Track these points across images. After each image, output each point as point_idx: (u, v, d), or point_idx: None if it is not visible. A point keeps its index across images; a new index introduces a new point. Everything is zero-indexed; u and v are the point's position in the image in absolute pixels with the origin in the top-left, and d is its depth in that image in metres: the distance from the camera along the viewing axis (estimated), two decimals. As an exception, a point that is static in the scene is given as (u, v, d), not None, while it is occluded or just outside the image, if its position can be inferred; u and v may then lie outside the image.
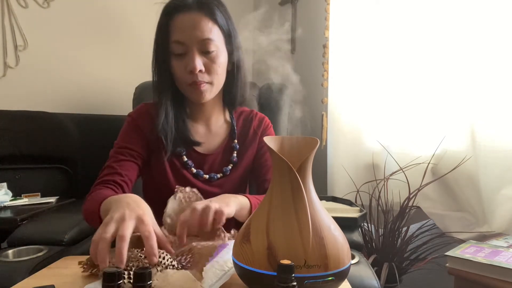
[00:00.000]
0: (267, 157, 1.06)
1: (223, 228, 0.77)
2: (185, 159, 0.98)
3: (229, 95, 1.03)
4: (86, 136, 1.74)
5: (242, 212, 0.83)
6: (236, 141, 1.04)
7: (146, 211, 0.66)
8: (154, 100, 0.99)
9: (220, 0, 0.95)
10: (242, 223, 0.63)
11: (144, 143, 0.96)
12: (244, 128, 1.07)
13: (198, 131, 1.02)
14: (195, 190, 0.81)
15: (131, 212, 0.63)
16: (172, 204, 0.78)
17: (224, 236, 0.74)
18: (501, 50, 1.29)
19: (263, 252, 0.54)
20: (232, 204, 0.78)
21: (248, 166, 1.05)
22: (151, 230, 0.62)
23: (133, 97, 1.53)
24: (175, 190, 0.79)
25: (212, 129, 1.03)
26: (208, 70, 0.91)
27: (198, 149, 1.00)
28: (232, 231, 0.81)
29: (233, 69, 0.99)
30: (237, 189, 1.02)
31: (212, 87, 0.93)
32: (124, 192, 0.89)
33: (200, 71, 0.89)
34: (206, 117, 1.03)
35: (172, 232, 0.78)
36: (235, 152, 1.03)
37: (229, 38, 0.95)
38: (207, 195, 0.96)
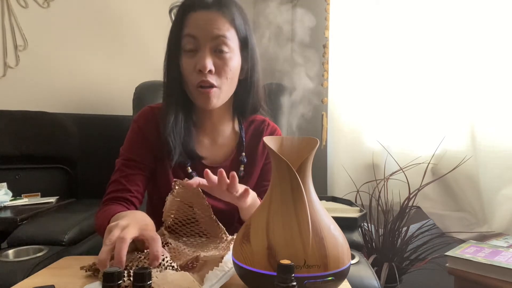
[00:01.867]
0: (269, 177, 0.99)
1: (225, 230, 0.76)
2: (190, 170, 0.93)
3: (240, 105, 0.97)
4: (86, 136, 1.74)
5: (250, 209, 0.81)
6: (244, 154, 0.97)
7: (150, 224, 0.69)
8: (163, 102, 0.94)
9: (241, 6, 0.90)
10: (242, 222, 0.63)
11: (151, 153, 0.92)
12: (253, 140, 1.00)
13: (204, 142, 0.96)
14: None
15: (136, 222, 0.65)
16: (171, 201, 0.77)
17: (226, 239, 0.74)
18: (501, 50, 1.29)
19: (263, 252, 0.54)
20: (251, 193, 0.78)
21: (254, 180, 1.00)
22: (156, 235, 0.63)
23: (133, 97, 1.53)
24: (172, 185, 0.77)
25: (218, 140, 0.97)
26: (219, 72, 0.85)
27: (203, 160, 0.95)
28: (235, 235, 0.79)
29: (247, 78, 0.93)
30: None
31: (220, 92, 0.87)
32: (135, 207, 0.88)
33: (210, 71, 0.83)
34: (213, 126, 0.96)
35: (174, 232, 0.78)
36: (243, 166, 0.97)
37: (245, 44, 0.90)
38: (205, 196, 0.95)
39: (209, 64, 0.83)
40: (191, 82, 0.86)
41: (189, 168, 0.93)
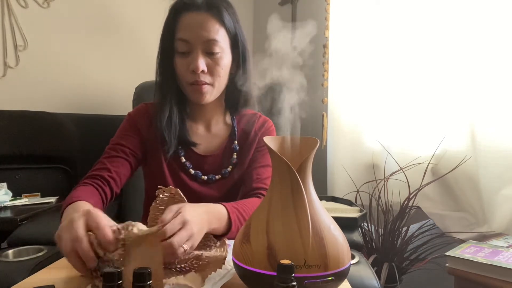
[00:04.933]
0: (263, 162, 1.00)
1: (213, 238, 0.72)
2: (183, 160, 0.97)
3: (232, 98, 1.01)
4: (86, 136, 1.74)
5: (217, 229, 0.74)
6: (236, 142, 1.02)
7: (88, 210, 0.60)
8: (156, 98, 0.98)
9: (230, 2, 0.94)
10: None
11: (140, 142, 0.96)
12: (245, 130, 1.04)
13: (197, 131, 1.01)
14: (177, 190, 0.72)
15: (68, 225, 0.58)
16: (154, 209, 0.72)
17: (225, 249, 0.71)
18: (501, 50, 1.29)
19: (263, 252, 0.54)
20: (205, 225, 0.68)
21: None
22: (100, 221, 0.57)
23: (133, 97, 1.53)
24: (156, 193, 0.72)
25: (212, 130, 1.02)
26: (211, 71, 0.90)
27: (196, 150, 0.99)
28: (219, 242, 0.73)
29: (238, 72, 0.97)
30: (236, 192, 1.00)
31: (213, 89, 0.92)
32: (110, 188, 0.88)
33: (203, 71, 0.89)
34: (207, 118, 1.02)
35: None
36: (235, 153, 1.01)
37: (235, 41, 0.94)
38: (204, 197, 0.96)
39: (202, 65, 0.88)
40: (185, 80, 0.91)
41: (182, 158, 0.97)
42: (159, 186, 0.72)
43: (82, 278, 0.65)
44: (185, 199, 0.72)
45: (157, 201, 0.72)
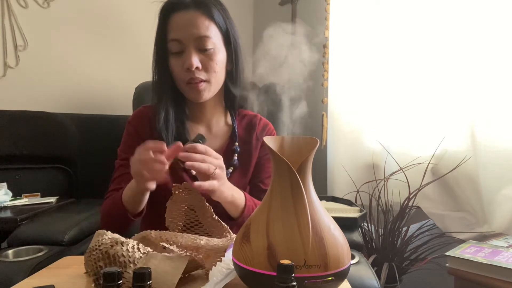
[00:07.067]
0: (269, 172, 1.02)
1: (229, 229, 0.76)
2: None
3: (230, 95, 1.02)
4: (86, 136, 1.74)
5: (231, 205, 0.87)
6: (237, 143, 1.01)
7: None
8: (153, 100, 0.98)
9: None
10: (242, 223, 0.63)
11: None
12: (246, 133, 1.04)
13: (198, 132, 1.00)
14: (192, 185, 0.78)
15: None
16: (171, 206, 0.76)
17: (230, 237, 0.73)
18: (501, 50, 1.29)
19: (263, 252, 0.54)
20: (228, 187, 0.84)
21: (249, 172, 1.02)
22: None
23: (133, 97, 1.53)
24: (172, 190, 0.77)
25: (212, 131, 1.02)
26: (205, 67, 0.91)
27: None
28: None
29: (232, 69, 0.98)
30: None
31: (210, 85, 0.93)
32: None
33: (197, 68, 0.89)
34: (207, 118, 1.02)
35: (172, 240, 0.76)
36: (236, 155, 1.00)
37: (228, 37, 0.95)
38: (205, 198, 0.96)
39: (195, 62, 0.89)
40: (181, 80, 0.92)
41: None
42: (174, 184, 0.76)
43: (82, 278, 0.65)
44: (199, 193, 0.77)
45: (173, 198, 0.76)
